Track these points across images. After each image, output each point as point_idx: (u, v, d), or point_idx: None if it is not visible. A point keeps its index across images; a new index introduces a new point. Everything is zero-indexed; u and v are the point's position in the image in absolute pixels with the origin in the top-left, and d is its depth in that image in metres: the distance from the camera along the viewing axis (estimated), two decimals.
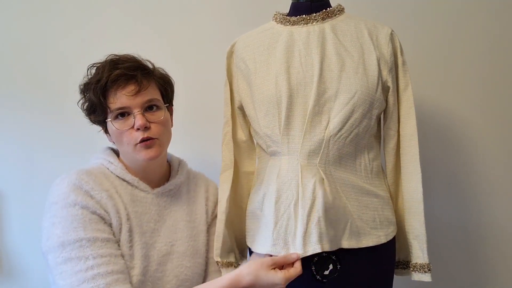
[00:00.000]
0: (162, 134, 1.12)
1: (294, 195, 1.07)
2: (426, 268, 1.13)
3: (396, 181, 1.21)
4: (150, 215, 1.13)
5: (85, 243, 0.99)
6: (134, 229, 1.09)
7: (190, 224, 1.20)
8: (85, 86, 1.11)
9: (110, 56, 1.12)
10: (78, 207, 1.01)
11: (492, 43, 1.63)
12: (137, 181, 1.13)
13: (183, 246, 1.17)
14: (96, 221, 1.02)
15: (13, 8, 1.60)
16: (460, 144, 1.63)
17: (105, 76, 1.06)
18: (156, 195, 1.16)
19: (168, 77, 1.20)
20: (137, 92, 1.07)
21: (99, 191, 1.05)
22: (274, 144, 1.13)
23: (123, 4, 1.63)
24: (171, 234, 1.16)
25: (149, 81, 1.11)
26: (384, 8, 1.62)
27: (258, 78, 1.15)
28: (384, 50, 1.13)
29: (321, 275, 1.08)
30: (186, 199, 1.23)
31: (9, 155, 1.60)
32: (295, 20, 1.16)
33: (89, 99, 1.10)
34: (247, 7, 1.62)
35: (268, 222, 1.10)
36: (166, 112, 1.15)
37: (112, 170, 1.12)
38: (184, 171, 1.25)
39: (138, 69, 1.09)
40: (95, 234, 1.00)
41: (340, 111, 1.08)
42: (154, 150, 1.09)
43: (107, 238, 1.02)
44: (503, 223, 1.62)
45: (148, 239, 1.11)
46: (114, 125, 1.08)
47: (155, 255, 1.11)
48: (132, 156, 1.10)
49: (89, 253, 0.98)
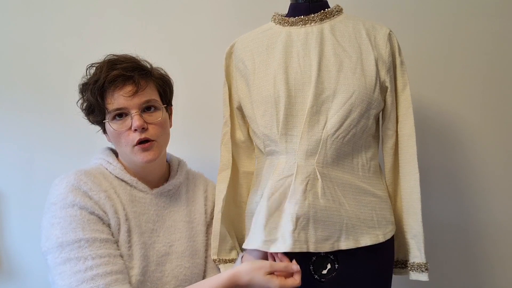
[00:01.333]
0: (159, 135, 1.11)
1: (287, 194, 1.07)
2: (423, 267, 1.14)
3: (394, 181, 1.22)
4: (148, 215, 1.14)
5: (84, 244, 0.99)
6: (133, 229, 1.09)
7: (189, 224, 1.21)
8: (83, 86, 1.11)
9: (108, 56, 1.11)
10: (77, 208, 1.01)
11: (491, 43, 1.63)
12: (135, 181, 1.13)
13: (182, 246, 1.17)
14: (94, 221, 1.02)
15: (12, 8, 1.60)
16: (458, 144, 1.64)
17: (102, 77, 1.06)
18: (155, 195, 1.16)
19: (167, 77, 1.20)
20: (134, 93, 1.07)
21: (98, 192, 1.05)
22: (272, 144, 1.13)
23: (122, 4, 1.63)
24: (170, 235, 1.16)
25: (147, 82, 1.11)
26: (383, 8, 1.62)
27: (257, 78, 1.15)
28: (382, 51, 1.14)
29: (319, 275, 1.08)
30: (185, 199, 1.23)
31: (9, 155, 1.60)
32: (293, 21, 1.16)
33: (87, 99, 1.10)
34: (246, 8, 1.62)
35: (260, 219, 1.09)
36: (164, 113, 1.14)
37: (111, 170, 1.12)
38: (184, 171, 1.25)
39: (136, 70, 1.08)
40: (93, 234, 1.01)
41: (338, 111, 1.08)
42: (152, 152, 1.09)
43: (105, 239, 1.02)
44: (501, 222, 1.63)
45: (147, 239, 1.11)
46: (112, 126, 1.08)
47: (154, 255, 1.11)
48: (130, 157, 1.11)
49: (88, 254, 0.98)
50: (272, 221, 1.07)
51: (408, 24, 1.62)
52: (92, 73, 1.10)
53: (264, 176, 1.17)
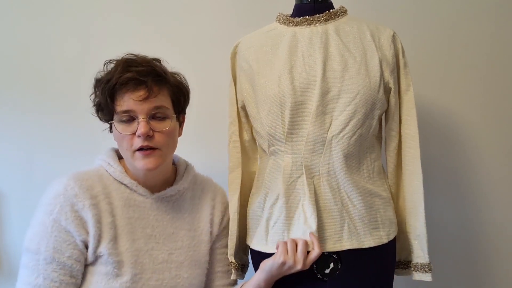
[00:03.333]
0: (165, 144, 1.07)
1: (301, 196, 1.09)
2: (427, 267, 1.14)
3: (397, 182, 1.22)
4: (147, 220, 1.10)
5: (42, 261, 0.99)
6: (123, 236, 1.05)
7: (190, 233, 1.16)
8: (96, 82, 1.09)
9: (127, 55, 1.08)
10: (52, 219, 1.00)
11: (492, 44, 1.64)
12: (135, 184, 1.10)
13: (182, 256, 1.13)
14: (61, 239, 1.00)
15: (14, 9, 1.60)
16: (461, 145, 1.64)
17: (115, 77, 1.03)
18: (156, 199, 1.12)
19: (184, 85, 1.15)
20: (145, 98, 1.03)
21: (83, 199, 1.02)
22: (277, 143, 1.13)
23: (125, 6, 1.63)
24: (171, 243, 1.12)
25: (160, 88, 1.06)
26: (385, 9, 1.63)
27: (262, 78, 1.15)
28: (386, 52, 1.14)
29: (322, 274, 1.08)
30: (190, 206, 1.19)
31: (9, 155, 1.59)
32: (298, 21, 1.17)
33: (98, 96, 1.08)
34: (250, 8, 1.63)
35: (279, 223, 1.11)
36: (174, 122, 1.10)
37: (111, 172, 1.10)
38: (190, 176, 1.20)
39: (150, 75, 1.04)
40: (54, 254, 0.99)
41: (343, 112, 1.09)
42: (153, 161, 1.05)
43: (63, 263, 1.00)
44: (504, 223, 1.63)
45: (143, 245, 1.07)
46: (117, 128, 1.06)
47: (151, 262, 1.08)
48: (131, 162, 1.07)
49: (42, 272, 0.98)
50: (290, 224, 1.10)
51: (409, 26, 1.62)
52: (108, 71, 1.07)
53: (267, 176, 1.17)
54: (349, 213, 1.09)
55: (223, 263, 1.22)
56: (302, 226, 1.07)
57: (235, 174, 1.24)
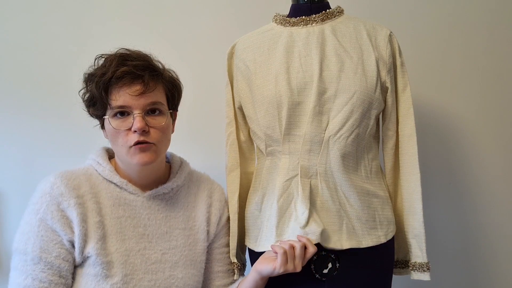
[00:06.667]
0: (160, 140, 1.05)
1: (295, 195, 1.09)
2: (425, 267, 1.15)
3: (395, 181, 1.22)
4: (139, 219, 1.08)
5: (29, 262, 0.98)
6: (112, 236, 1.03)
7: (185, 232, 1.13)
8: (89, 76, 1.06)
9: (121, 49, 1.06)
10: (38, 218, 1.00)
11: (489, 43, 1.64)
12: (125, 183, 1.07)
13: (176, 255, 1.10)
14: (48, 239, 1.00)
15: (9, 8, 1.60)
16: (458, 144, 1.64)
17: (111, 71, 1.00)
18: (148, 198, 1.10)
19: (178, 81, 1.14)
20: (141, 93, 1.02)
21: (68, 198, 1.00)
22: (274, 144, 1.14)
23: (124, 7, 1.63)
24: (164, 242, 1.09)
25: (156, 83, 1.05)
26: (382, 9, 1.63)
27: (258, 78, 1.15)
28: (383, 51, 1.14)
29: (320, 274, 1.08)
30: (185, 203, 1.16)
31: (9, 155, 1.59)
32: (295, 21, 1.17)
33: (91, 91, 1.05)
34: (247, 9, 1.63)
35: (271, 221, 1.11)
36: (168, 118, 1.08)
37: (100, 172, 1.08)
38: (184, 173, 1.17)
39: (147, 69, 1.03)
40: (41, 254, 0.99)
41: (340, 111, 1.09)
42: (149, 155, 1.03)
43: (51, 263, 0.99)
44: (502, 222, 1.63)
45: (134, 245, 1.05)
46: (112, 123, 1.03)
47: (143, 262, 1.05)
48: (125, 158, 1.05)
49: (30, 272, 0.98)
50: (282, 222, 1.10)
51: (406, 25, 1.62)
52: (101, 65, 1.04)
53: (264, 177, 1.18)
54: (347, 213, 1.09)
55: (222, 262, 1.21)
56: (292, 224, 1.07)
57: (234, 174, 1.24)
